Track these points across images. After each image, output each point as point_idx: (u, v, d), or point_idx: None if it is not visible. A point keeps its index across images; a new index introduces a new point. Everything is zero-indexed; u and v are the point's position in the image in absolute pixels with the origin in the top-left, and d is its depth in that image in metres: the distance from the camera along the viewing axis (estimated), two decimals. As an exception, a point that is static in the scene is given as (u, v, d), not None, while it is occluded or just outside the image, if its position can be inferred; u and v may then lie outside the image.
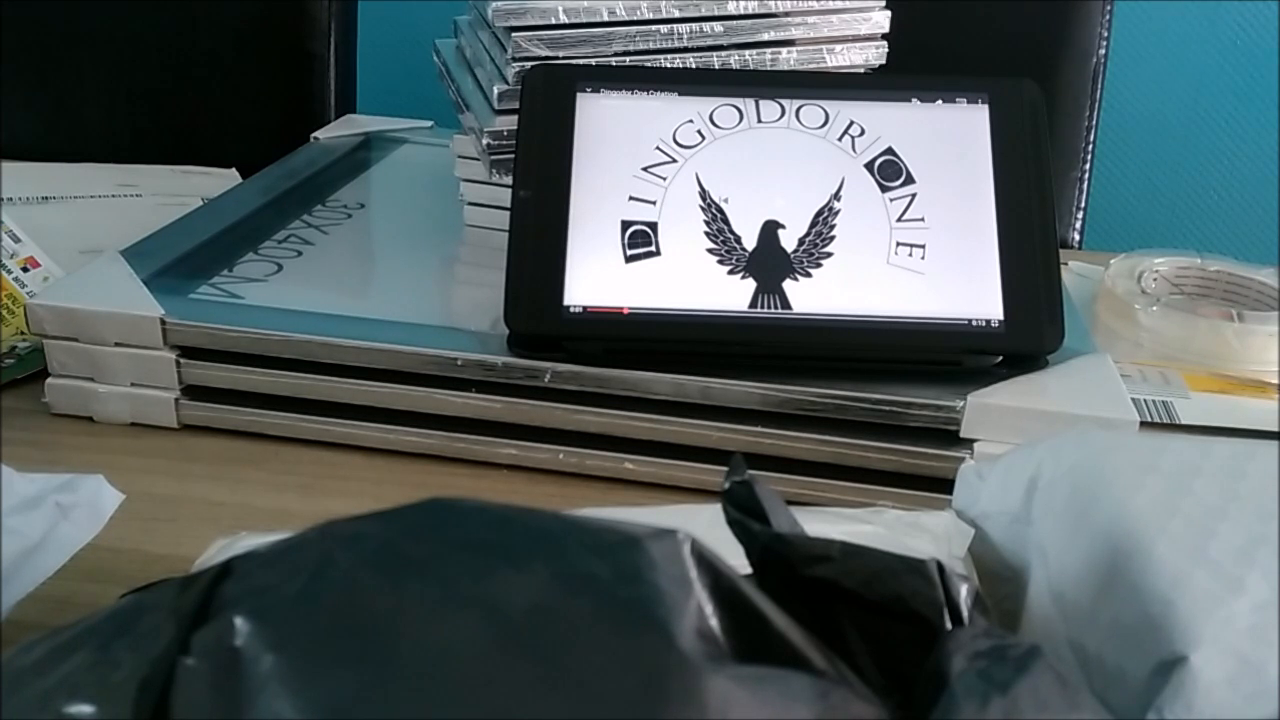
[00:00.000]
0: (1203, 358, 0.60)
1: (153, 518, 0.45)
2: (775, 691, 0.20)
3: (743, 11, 0.58)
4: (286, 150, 0.75)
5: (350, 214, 0.64)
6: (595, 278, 0.47)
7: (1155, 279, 0.68)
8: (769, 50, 0.59)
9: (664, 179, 0.49)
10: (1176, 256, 0.69)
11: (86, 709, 0.21)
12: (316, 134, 0.79)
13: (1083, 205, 0.99)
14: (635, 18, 0.56)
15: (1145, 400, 0.56)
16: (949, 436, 0.46)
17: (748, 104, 0.51)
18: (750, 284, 0.48)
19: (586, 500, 0.47)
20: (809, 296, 0.48)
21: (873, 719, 0.21)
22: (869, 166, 0.50)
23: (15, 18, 0.94)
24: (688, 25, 0.57)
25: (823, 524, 0.35)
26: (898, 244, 0.49)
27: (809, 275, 0.48)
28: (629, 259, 0.48)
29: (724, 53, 0.58)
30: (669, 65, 0.57)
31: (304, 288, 0.54)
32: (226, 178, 0.80)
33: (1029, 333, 0.48)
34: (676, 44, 0.57)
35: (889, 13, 0.61)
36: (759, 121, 0.51)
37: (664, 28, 0.57)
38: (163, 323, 0.49)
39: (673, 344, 0.48)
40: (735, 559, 0.23)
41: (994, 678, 0.22)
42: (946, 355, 0.48)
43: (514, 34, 0.55)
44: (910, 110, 0.51)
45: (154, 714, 0.21)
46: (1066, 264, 0.73)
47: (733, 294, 0.47)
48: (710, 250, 0.48)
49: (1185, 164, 1.34)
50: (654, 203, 0.49)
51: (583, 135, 0.50)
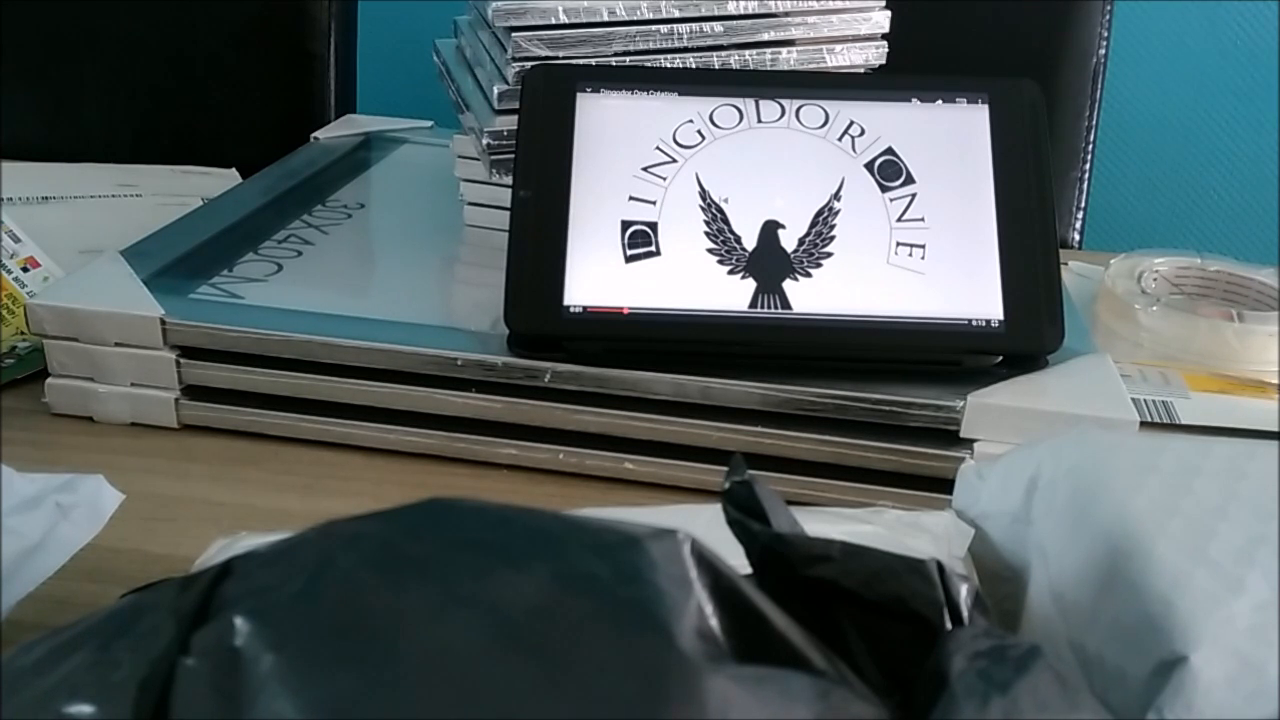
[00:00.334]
0: (1203, 358, 0.60)
1: (153, 518, 0.45)
2: (775, 691, 0.20)
3: (743, 11, 0.58)
4: (286, 150, 0.75)
5: (350, 214, 0.64)
6: (595, 278, 0.47)
7: (1155, 279, 0.68)
8: (769, 50, 0.59)
9: (664, 179, 0.49)
10: (1176, 256, 0.69)
11: (86, 709, 0.21)
12: (316, 134, 0.79)
13: (1083, 205, 0.99)
14: (635, 18, 0.56)
15: (1145, 400, 0.56)
16: (949, 436, 0.46)
17: (748, 104, 0.51)
18: (750, 284, 0.48)
19: (586, 500, 0.47)
20: (809, 296, 0.48)
21: (873, 719, 0.21)
22: (869, 166, 0.50)
23: (15, 18, 0.94)
24: (688, 25, 0.57)
25: (823, 524, 0.35)
26: (898, 244, 0.49)
27: (809, 275, 0.48)
28: (629, 259, 0.48)
29: (724, 53, 0.58)
30: (669, 65, 0.57)
31: (304, 288, 0.54)
32: (226, 178, 0.80)
33: (1029, 333, 0.48)
34: (676, 44, 0.57)
35: (889, 13, 0.61)
36: (759, 121, 0.51)
37: (664, 28, 0.57)
38: (163, 323, 0.49)
39: (673, 344, 0.48)
40: (735, 559, 0.23)
41: (994, 678, 0.22)
42: (946, 355, 0.48)
43: (514, 34, 0.55)
44: (910, 110, 0.51)
45: (154, 714, 0.21)
46: (1066, 264, 0.73)
47: (733, 294, 0.47)
48: (710, 250, 0.48)
49: (1185, 164, 1.34)
50: (654, 203, 0.49)
51: (583, 135, 0.50)
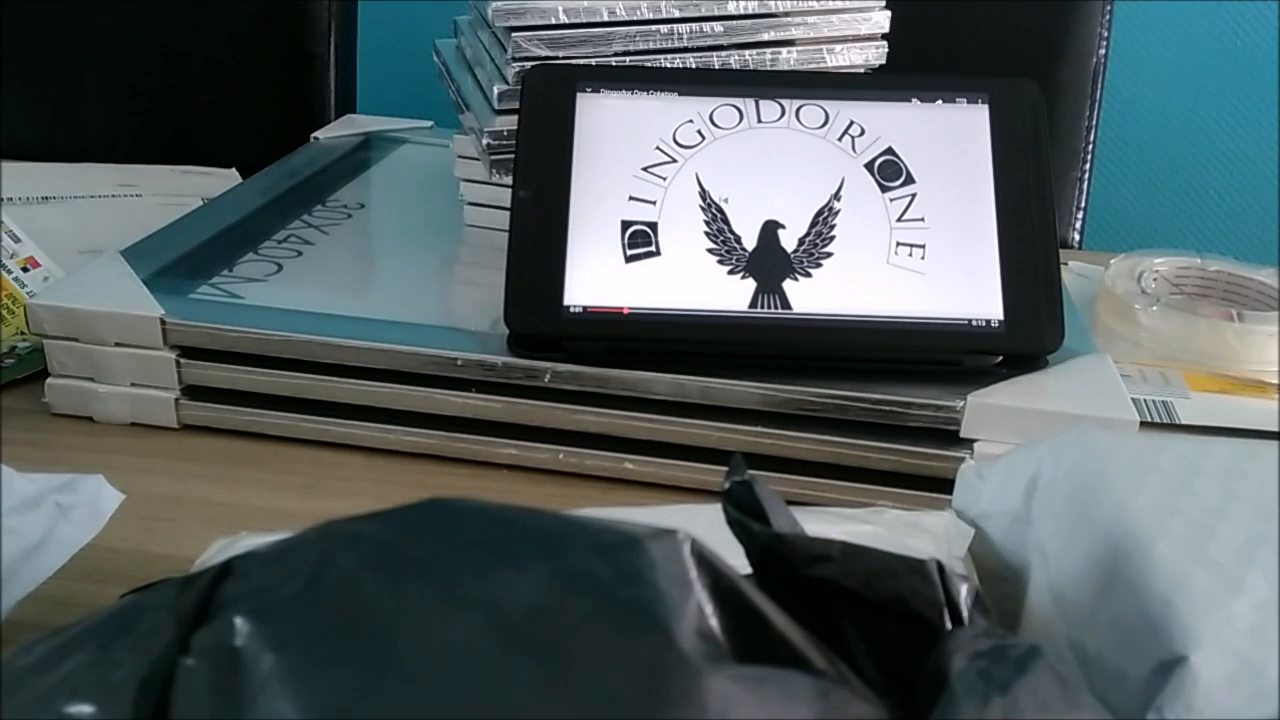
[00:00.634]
0: (1203, 358, 0.60)
1: (153, 518, 0.45)
2: (775, 691, 0.20)
3: (743, 11, 0.58)
4: (286, 150, 0.75)
5: (350, 214, 0.64)
6: (595, 278, 0.47)
7: (1155, 279, 0.68)
8: (769, 50, 0.59)
9: (664, 179, 0.49)
10: (1176, 256, 0.69)
11: (86, 709, 0.21)
12: (316, 134, 0.79)
13: (1083, 205, 0.99)
14: (635, 18, 0.56)
15: (1145, 400, 0.56)
16: (949, 436, 0.46)
17: (748, 104, 0.51)
18: (750, 284, 0.48)
19: (586, 500, 0.47)
20: (809, 296, 0.48)
21: (873, 719, 0.21)
22: (869, 166, 0.50)
23: (15, 18, 0.94)
24: (688, 25, 0.57)
25: (823, 524, 0.35)
26: (898, 244, 0.49)
27: (809, 275, 0.48)
28: (629, 259, 0.48)
29: (724, 53, 0.58)
30: (669, 65, 0.57)
31: (304, 288, 0.54)
32: (226, 178, 0.80)
33: (1029, 333, 0.48)
34: (676, 44, 0.57)
35: (889, 13, 0.61)
36: (759, 121, 0.51)
37: (664, 28, 0.57)
38: (163, 323, 0.49)
39: (673, 344, 0.48)
40: (735, 559, 0.23)
41: (994, 678, 0.22)
42: (946, 355, 0.48)
43: (514, 34, 0.55)
44: (910, 110, 0.51)
45: (154, 714, 0.21)
46: (1066, 264, 0.73)
47: (733, 294, 0.47)
48: (710, 250, 0.48)
49: (1185, 164, 1.34)
50: (654, 203, 0.49)
51: (583, 135, 0.50)
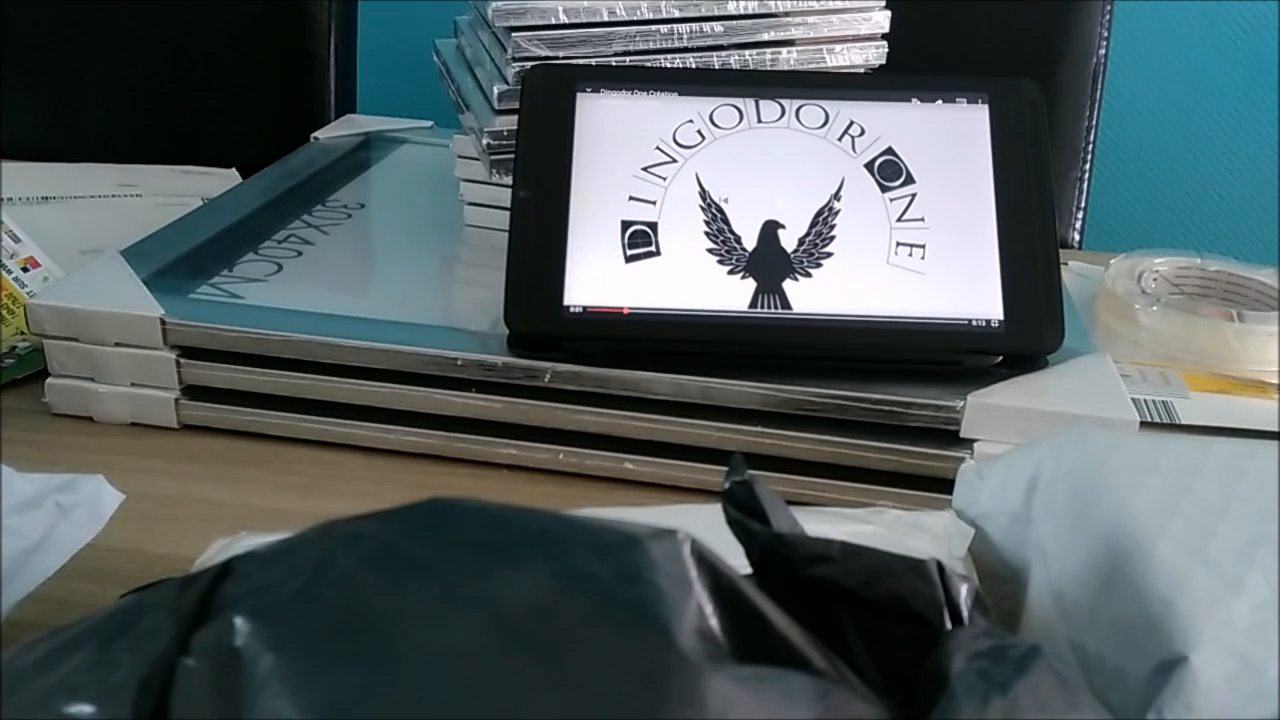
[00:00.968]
0: (1203, 358, 0.60)
1: (153, 518, 0.45)
2: (775, 691, 0.20)
3: (743, 11, 0.58)
4: (286, 150, 0.75)
5: (350, 214, 0.64)
6: (595, 278, 0.47)
7: (1155, 279, 0.68)
8: (769, 50, 0.59)
9: (664, 179, 0.49)
10: (1176, 256, 0.69)
11: (86, 709, 0.21)
12: (316, 134, 0.79)
13: (1083, 205, 0.99)
14: (635, 18, 0.56)
15: (1145, 400, 0.56)
16: (949, 436, 0.46)
17: (748, 104, 0.51)
18: (750, 284, 0.48)
19: (586, 500, 0.47)
20: (809, 296, 0.48)
21: (873, 719, 0.21)
22: (869, 166, 0.50)
23: (15, 18, 0.94)
24: (688, 25, 0.57)
25: (823, 524, 0.35)
26: (898, 244, 0.49)
27: (809, 275, 0.48)
28: (629, 259, 0.48)
29: (724, 53, 0.58)
30: (669, 65, 0.57)
31: (304, 288, 0.54)
32: (226, 178, 0.80)
33: (1029, 333, 0.48)
34: (676, 44, 0.57)
35: (889, 13, 0.61)
36: (759, 121, 0.51)
37: (664, 28, 0.57)
38: (163, 323, 0.49)
39: (673, 344, 0.48)
40: (735, 559, 0.23)
41: (994, 678, 0.22)
42: (946, 355, 0.48)
43: (514, 34, 0.55)
44: (910, 110, 0.51)
45: (154, 714, 0.21)
46: (1066, 264, 0.73)
47: (733, 294, 0.47)
48: (710, 250, 0.48)
49: (1185, 164, 1.34)
50: (654, 203, 0.49)
51: (583, 135, 0.50)
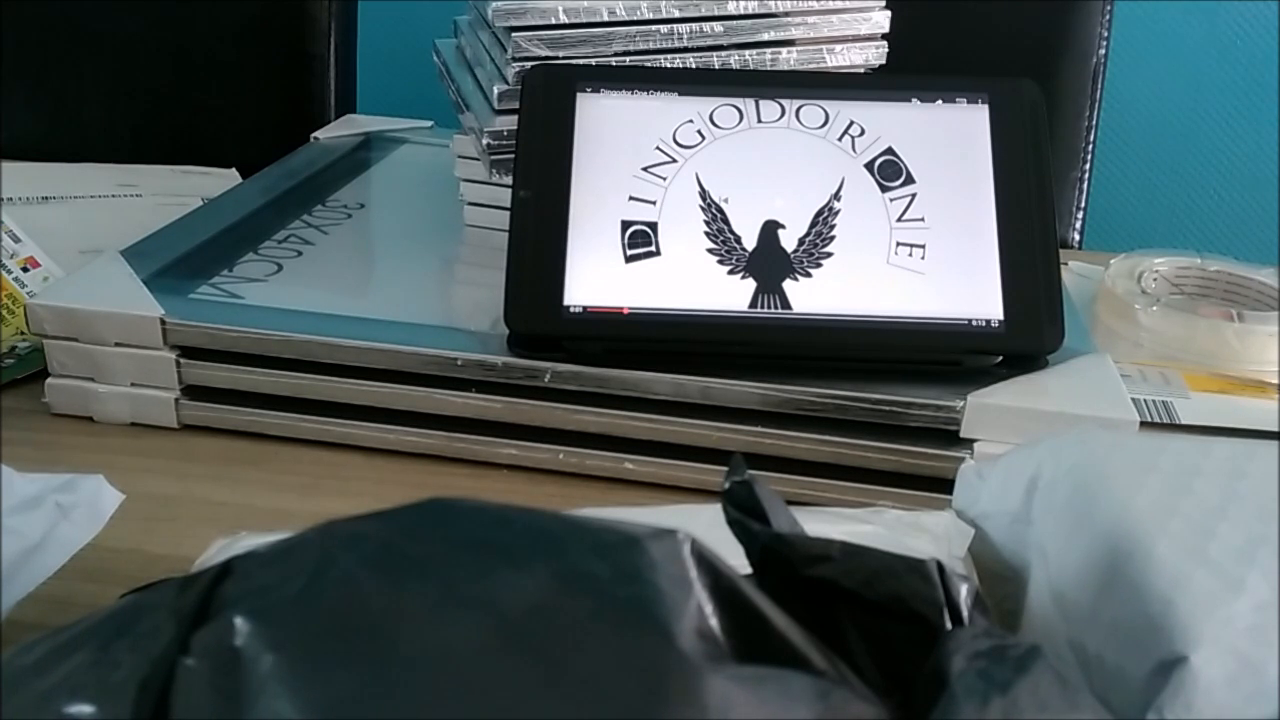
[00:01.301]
0: (1203, 358, 0.60)
1: (153, 518, 0.45)
2: (775, 691, 0.20)
3: (743, 11, 0.58)
4: (286, 150, 0.75)
5: (350, 214, 0.64)
6: (595, 278, 0.47)
7: (1155, 279, 0.68)
8: (769, 50, 0.59)
9: (664, 179, 0.49)
10: (1176, 256, 0.69)
11: (86, 709, 0.21)
12: (316, 134, 0.79)
13: (1083, 205, 0.99)
14: (635, 18, 0.56)
15: (1145, 400, 0.56)
16: (949, 436, 0.46)
17: (748, 104, 0.51)
18: (750, 284, 0.48)
19: (586, 500, 0.47)
20: (809, 296, 0.48)
21: (873, 719, 0.21)
22: (869, 166, 0.50)
23: (15, 18, 0.94)
24: (688, 25, 0.57)
25: (823, 524, 0.35)
26: (898, 244, 0.49)
27: (809, 275, 0.48)
28: (629, 259, 0.48)
29: (724, 53, 0.58)
30: (669, 65, 0.57)
31: (304, 288, 0.54)
32: (226, 178, 0.80)
33: (1029, 333, 0.48)
34: (676, 44, 0.57)
35: (889, 13, 0.61)
36: (759, 121, 0.51)
37: (664, 28, 0.57)
38: (163, 323, 0.49)
39: (673, 344, 0.48)
40: (735, 559, 0.23)
41: (994, 678, 0.22)
42: (946, 355, 0.48)
43: (514, 34, 0.55)
44: (910, 110, 0.51)
45: (154, 714, 0.21)
46: (1066, 264, 0.73)
47: (733, 294, 0.47)
48: (710, 250, 0.48)
49: (1185, 164, 1.34)
50: (654, 203, 0.49)
51: (583, 135, 0.50)
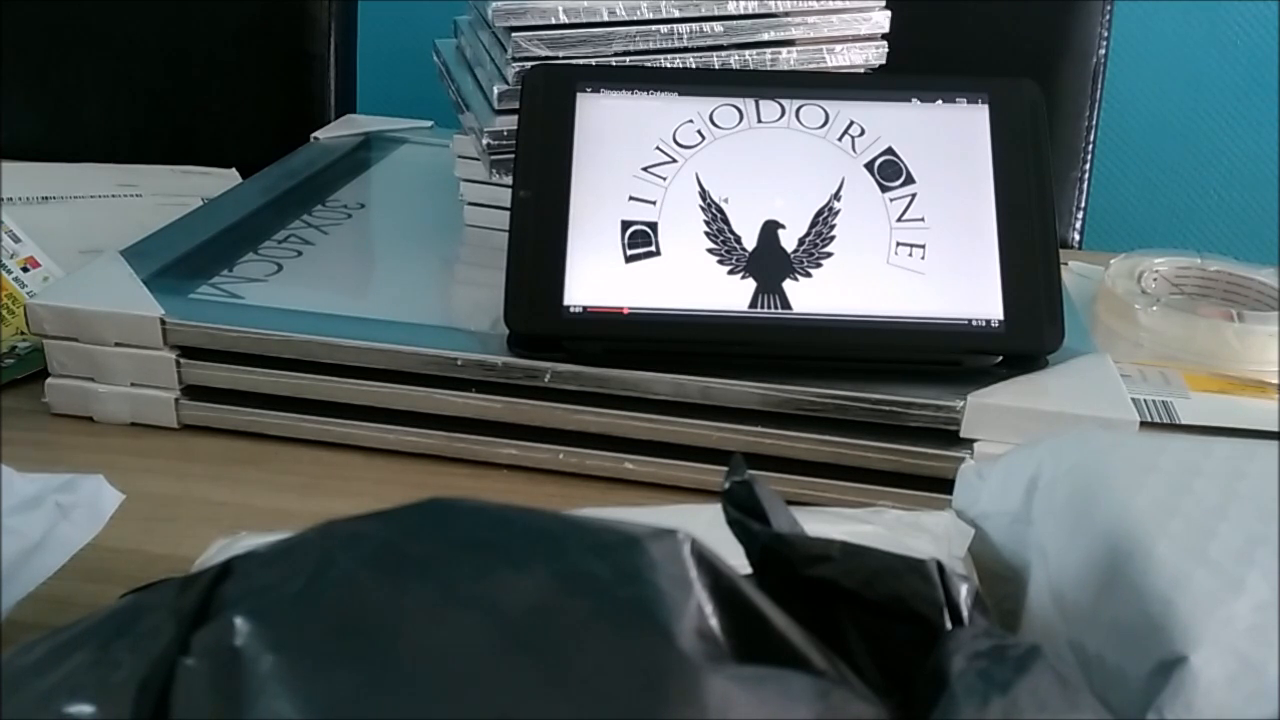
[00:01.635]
0: (1203, 358, 0.60)
1: (153, 518, 0.45)
2: (775, 691, 0.20)
3: (743, 11, 0.58)
4: (286, 150, 0.75)
5: (350, 214, 0.64)
6: (595, 278, 0.47)
7: (1155, 279, 0.68)
8: (769, 50, 0.59)
9: (664, 179, 0.49)
10: (1176, 256, 0.69)
11: (86, 709, 0.21)
12: (316, 134, 0.79)
13: (1083, 205, 0.99)
14: (635, 18, 0.56)
15: (1145, 400, 0.56)
16: (949, 436, 0.46)
17: (748, 104, 0.51)
18: (750, 284, 0.48)
19: (586, 500, 0.47)
20: (809, 296, 0.48)
21: (873, 719, 0.21)
22: (869, 166, 0.50)
23: (15, 18, 0.94)
24: (688, 25, 0.57)
25: (823, 524, 0.35)
26: (898, 244, 0.49)
27: (809, 275, 0.48)
28: (629, 259, 0.48)
29: (724, 53, 0.58)
30: (669, 65, 0.57)
31: (304, 288, 0.54)
32: (226, 178, 0.80)
33: (1029, 333, 0.48)
34: (676, 44, 0.57)
35: (889, 13, 0.61)
36: (759, 121, 0.51)
37: (664, 28, 0.57)
38: (163, 323, 0.49)
39: (673, 344, 0.48)
40: (735, 559, 0.23)
41: (994, 678, 0.22)
42: (946, 355, 0.48)
43: (514, 34, 0.55)
44: (910, 110, 0.51)
45: (154, 714, 0.21)
46: (1066, 264, 0.72)
47: (733, 294, 0.47)
48: (710, 250, 0.48)
49: (1185, 164, 1.34)
50: (654, 203, 0.49)
51: (583, 135, 0.50)
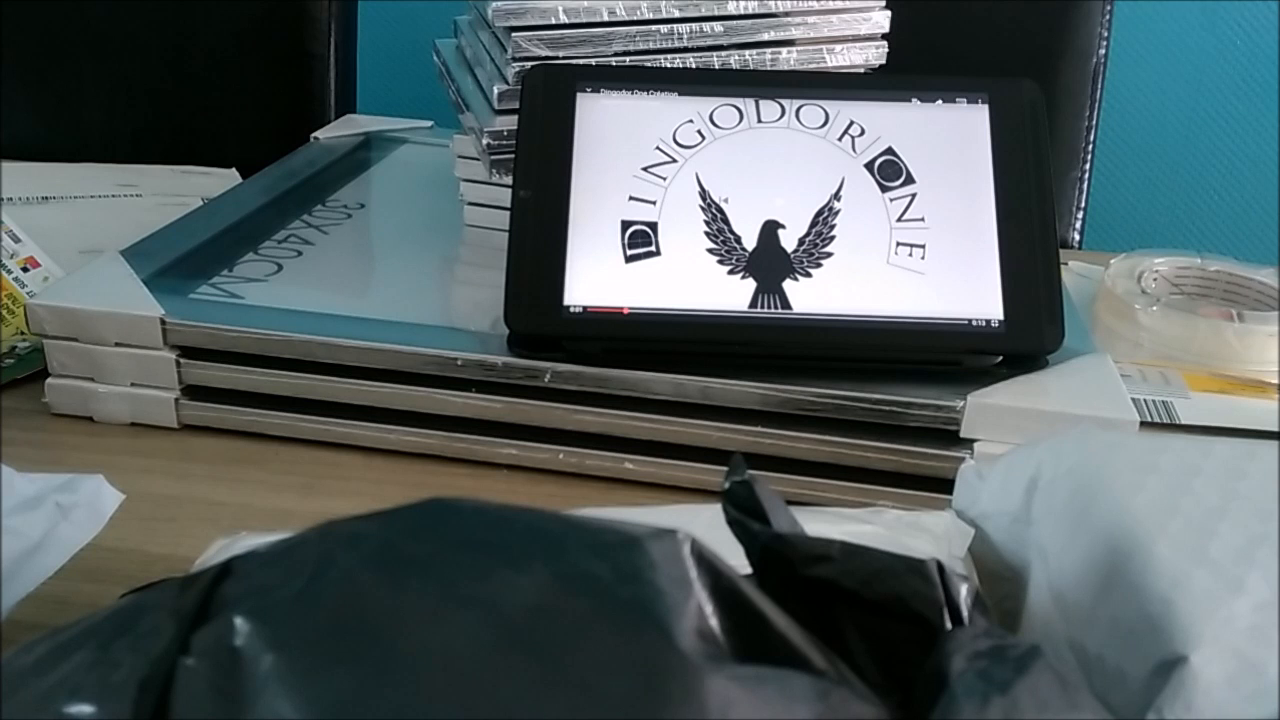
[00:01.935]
0: (1203, 358, 0.60)
1: (153, 518, 0.45)
2: (775, 691, 0.20)
3: (743, 11, 0.58)
4: (286, 150, 0.75)
5: (350, 214, 0.64)
6: (595, 278, 0.47)
7: (1155, 279, 0.68)
8: (769, 50, 0.59)
9: (664, 179, 0.49)
10: (1176, 256, 0.69)
11: (86, 709, 0.21)
12: (316, 134, 0.79)
13: (1083, 205, 0.99)
14: (635, 18, 0.56)
15: (1145, 400, 0.56)
16: (949, 436, 0.46)
17: (748, 104, 0.51)
18: (750, 284, 0.48)
19: (586, 500, 0.47)
20: (809, 296, 0.48)
21: (872, 719, 0.21)
22: (869, 166, 0.50)
23: (15, 18, 0.94)
24: (688, 25, 0.57)
25: (823, 524, 0.35)
26: (898, 244, 0.49)
27: (809, 275, 0.48)
28: (629, 259, 0.48)
29: (724, 53, 0.58)
30: (669, 65, 0.57)
31: (304, 288, 0.54)
32: (226, 178, 0.80)
33: (1029, 333, 0.48)
34: (676, 44, 0.57)
35: (889, 13, 0.61)
36: (759, 121, 0.51)
37: (664, 28, 0.57)
38: (163, 323, 0.49)
39: (673, 344, 0.48)
40: (735, 559, 0.23)
41: (994, 678, 0.22)
42: (946, 355, 0.48)
43: (514, 34, 0.55)
44: (910, 110, 0.51)
45: (154, 714, 0.21)
46: (1066, 264, 0.73)
47: (733, 294, 0.47)
48: (710, 250, 0.48)
49: (1185, 164, 1.34)
50: (654, 203, 0.49)
51: (583, 135, 0.50)
